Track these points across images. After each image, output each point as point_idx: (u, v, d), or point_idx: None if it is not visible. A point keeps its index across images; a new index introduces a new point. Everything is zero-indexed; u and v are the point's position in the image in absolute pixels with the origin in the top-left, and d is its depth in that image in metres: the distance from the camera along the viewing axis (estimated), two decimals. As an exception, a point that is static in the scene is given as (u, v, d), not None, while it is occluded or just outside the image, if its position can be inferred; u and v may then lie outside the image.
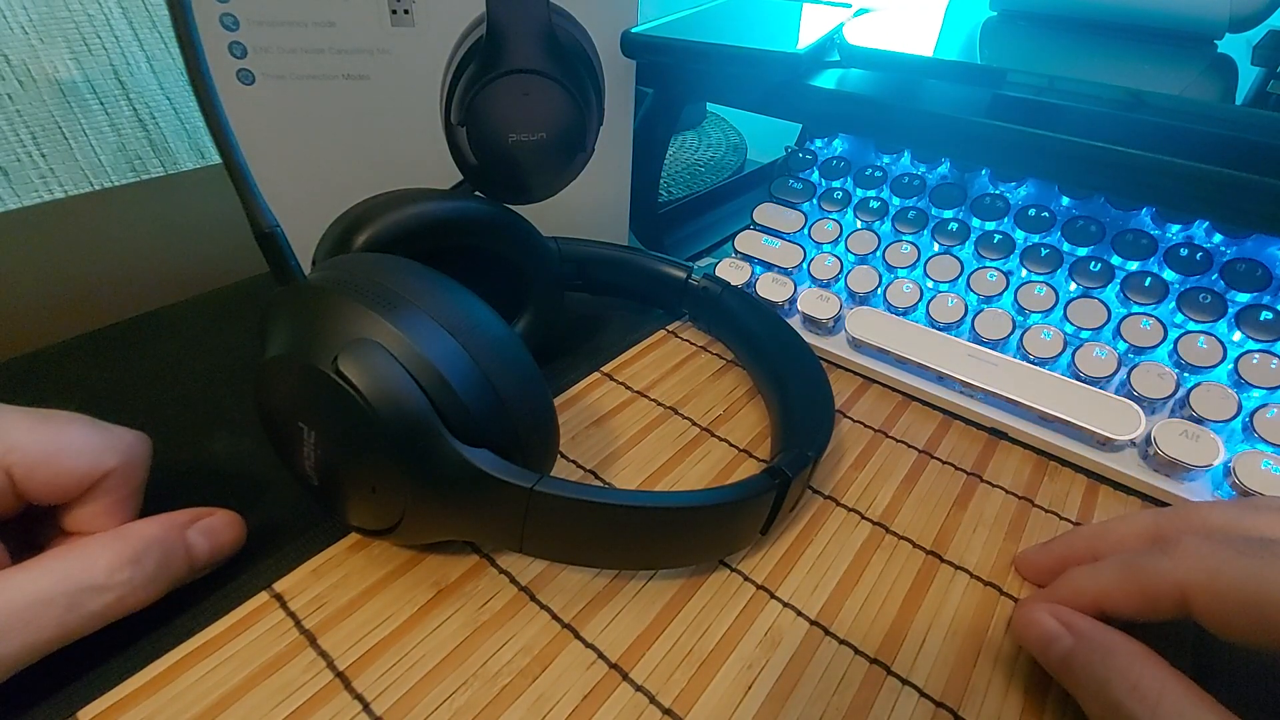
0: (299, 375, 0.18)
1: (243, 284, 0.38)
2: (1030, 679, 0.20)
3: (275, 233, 0.19)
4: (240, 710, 0.18)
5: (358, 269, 0.19)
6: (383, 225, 0.24)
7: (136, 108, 0.65)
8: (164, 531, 0.19)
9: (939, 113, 0.28)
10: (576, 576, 0.22)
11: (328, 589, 0.21)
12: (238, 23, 0.26)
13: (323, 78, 0.28)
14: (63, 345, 0.32)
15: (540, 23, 0.30)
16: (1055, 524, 0.25)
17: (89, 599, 0.17)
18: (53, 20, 0.58)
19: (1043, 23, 0.35)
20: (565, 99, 0.32)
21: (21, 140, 0.59)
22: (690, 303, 0.33)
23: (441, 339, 0.18)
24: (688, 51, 0.31)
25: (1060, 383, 0.27)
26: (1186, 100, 0.24)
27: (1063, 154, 0.26)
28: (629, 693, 0.19)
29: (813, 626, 0.21)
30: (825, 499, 0.25)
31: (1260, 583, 0.15)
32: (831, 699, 0.19)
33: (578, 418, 0.29)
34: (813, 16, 0.36)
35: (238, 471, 0.25)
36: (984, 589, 0.22)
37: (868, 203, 0.35)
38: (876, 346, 0.30)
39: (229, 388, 0.30)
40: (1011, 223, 0.32)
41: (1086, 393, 0.27)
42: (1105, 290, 0.29)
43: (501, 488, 0.18)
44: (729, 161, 0.53)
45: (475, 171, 0.33)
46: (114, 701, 0.18)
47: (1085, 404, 0.26)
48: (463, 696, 0.19)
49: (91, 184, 0.64)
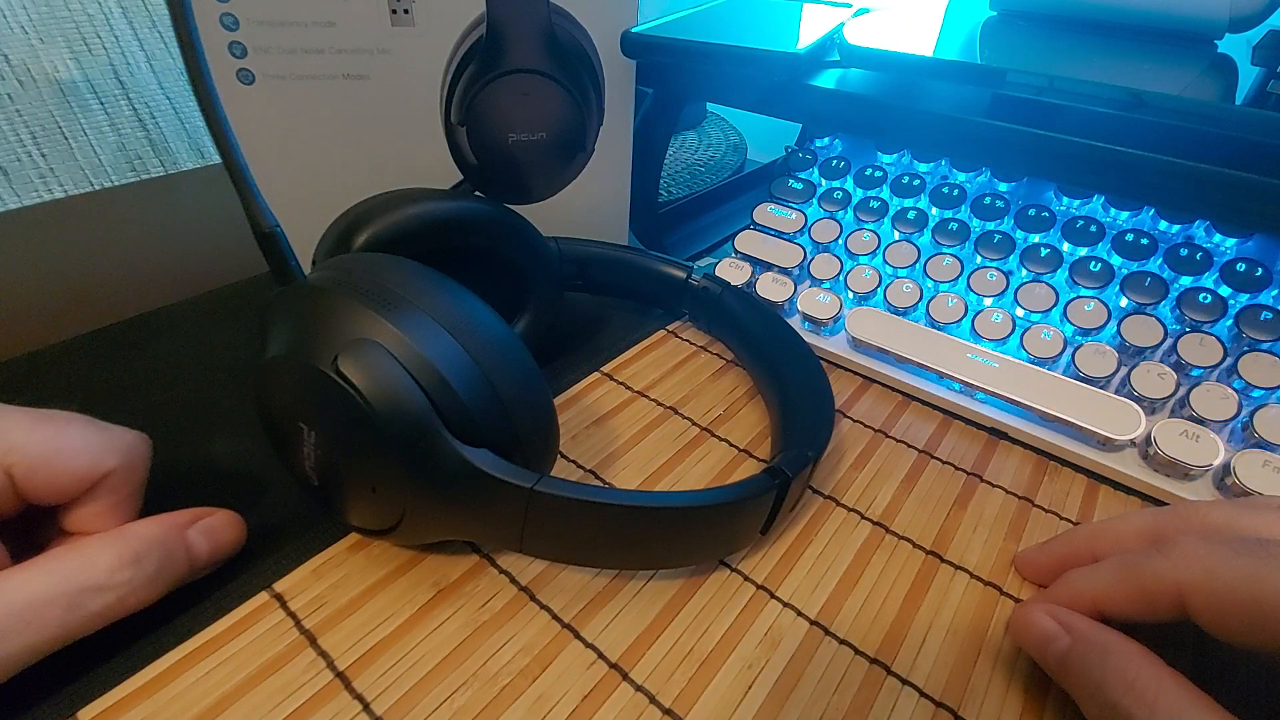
0: (299, 375, 0.18)
1: (243, 284, 0.38)
2: (1030, 679, 0.20)
3: (275, 233, 0.19)
4: (240, 710, 0.18)
5: (358, 269, 0.19)
6: (383, 225, 0.24)
7: (136, 108, 0.64)
8: (164, 531, 0.19)
9: (939, 113, 0.28)
10: (576, 576, 0.22)
11: (328, 589, 0.21)
12: (238, 23, 0.26)
13: (323, 78, 0.28)
14: (63, 345, 0.32)
15: (540, 23, 0.30)
16: (1055, 524, 0.25)
17: (89, 599, 0.17)
18: (53, 20, 0.58)
19: (1043, 23, 0.35)
20: (565, 99, 0.32)
21: (21, 140, 0.59)
22: (690, 303, 0.33)
23: (441, 339, 0.18)
24: (688, 51, 0.31)
25: (1060, 383, 0.27)
26: (1186, 100, 0.24)
27: (1063, 154, 0.26)
28: (629, 693, 0.19)
29: (813, 626, 0.21)
30: (825, 499, 0.25)
31: (1256, 583, 0.15)
32: (831, 699, 0.19)
33: (578, 418, 0.29)
34: (813, 16, 0.36)
35: (238, 471, 0.25)
36: (984, 589, 0.22)
37: (868, 203, 0.35)
38: (876, 346, 0.30)
39: (229, 388, 0.30)
40: (1011, 223, 0.32)
41: (1086, 393, 0.27)
42: (1105, 290, 0.29)
43: (501, 488, 0.18)
44: (729, 161, 0.53)
45: (475, 171, 0.33)
46: (114, 701, 0.18)
47: (1085, 404, 0.26)
48: (463, 696, 0.19)
49: (91, 184, 0.64)
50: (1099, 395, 0.27)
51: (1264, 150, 0.23)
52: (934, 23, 0.35)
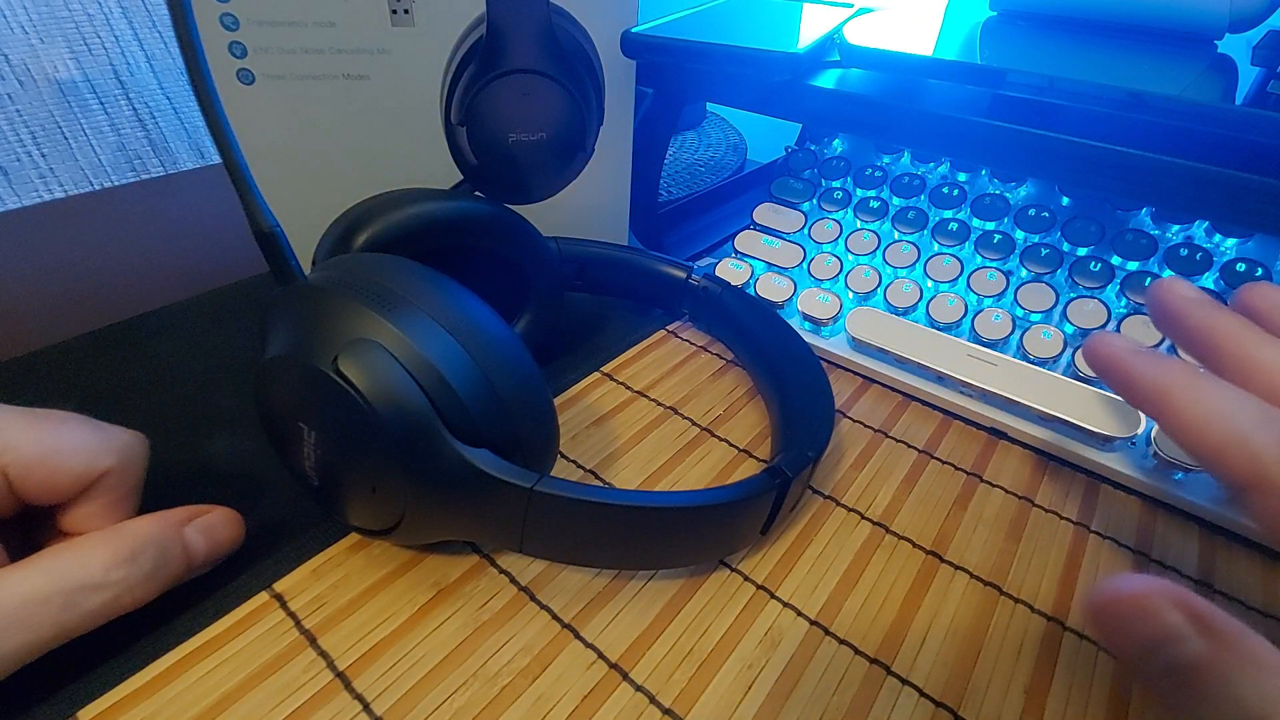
0: (299, 375, 0.18)
1: (243, 284, 0.38)
2: (1031, 679, 0.20)
3: (275, 233, 0.19)
4: (240, 710, 0.18)
5: (358, 269, 0.19)
6: (383, 225, 0.24)
7: (136, 108, 0.65)
8: (161, 529, 0.19)
9: (939, 113, 0.28)
10: (576, 576, 0.22)
11: (328, 589, 0.21)
12: (238, 23, 0.26)
13: (323, 78, 0.28)
14: (62, 345, 0.32)
15: (540, 23, 0.30)
16: (1055, 524, 0.25)
17: (86, 597, 0.17)
18: (53, 20, 0.58)
19: (1043, 23, 0.35)
20: (565, 99, 0.32)
21: (21, 140, 0.59)
22: (690, 303, 0.33)
23: (441, 339, 0.18)
24: (688, 51, 0.31)
25: (1060, 383, 0.27)
26: (1186, 100, 0.24)
27: (1063, 154, 0.26)
28: (629, 693, 0.19)
29: (813, 626, 0.21)
30: (825, 499, 0.25)
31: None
32: (831, 699, 0.19)
33: (578, 418, 0.29)
34: (813, 16, 0.36)
35: (237, 471, 0.25)
36: (984, 589, 0.22)
37: (868, 203, 0.35)
38: (876, 346, 0.30)
39: (229, 388, 0.30)
40: (1011, 223, 0.32)
41: (1086, 393, 0.27)
42: (1105, 290, 0.29)
43: (501, 487, 0.18)
44: (729, 161, 0.53)
45: (475, 171, 0.33)
46: (114, 701, 0.18)
47: (1085, 404, 0.26)
48: (463, 696, 0.19)
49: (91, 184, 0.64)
50: (1099, 395, 0.27)
51: (1264, 150, 0.23)
52: (934, 23, 0.35)
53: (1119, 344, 0.19)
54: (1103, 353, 0.19)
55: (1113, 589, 0.15)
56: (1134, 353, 0.18)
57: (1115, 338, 0.19)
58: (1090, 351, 0.19)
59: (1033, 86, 0.26)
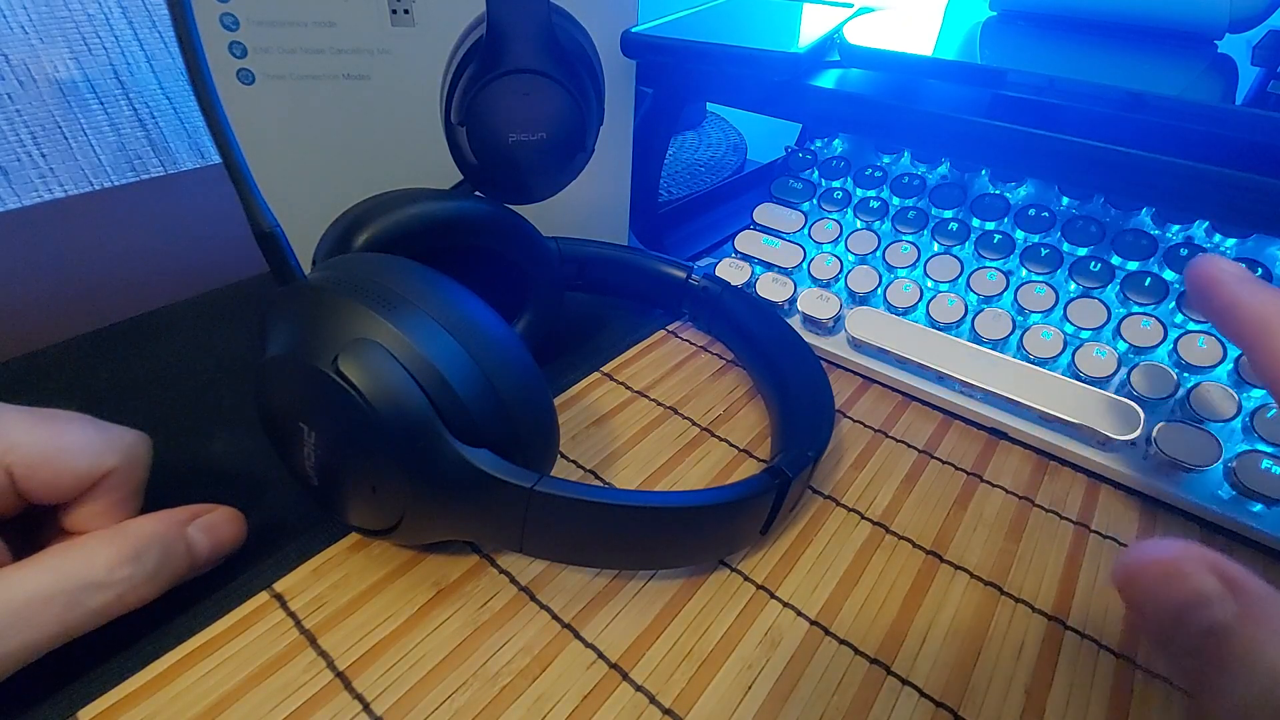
0: (299, 375, 0.18)
1: (243, 284, 0.38)
2: (1031, 679, 0.20)
3: (275, 233, 0.19)
4: (240, 710, 0.18)
5: (358, 269, 0.19)
6: (383, 225, 0.24)
7: (136, 108, 0.65)
8: (164, 528, 0.19)
9: (939, 113, 0.28)
10: (576, 576, 0.22)
11: (328, 589, 0.21)
12: (238, 23, 0.26)
13: (323, 78, 0.28)
14: (63, 345, 0.32)
15: (540, 23, 0.30)
16: (1055, 524, 0.25)
17: (89, 596, 0.17)
18: (53, 20, 0.58)
19: (1043, 23, 0.35)
20: (565, 99, 0.32)
21: (21, 140, 0.59)
22: (690, 303, 0.33)
23: (441, 339, 0.18)
24: (688, 51, 0.31)
25: (1060, 383, 0.27)
26: (1186, 100, 0.24)
27: (1063, 154, 0.26)
28: (629, 693, 0.19)
29: (813, 626, 0.21)
30: (825, 499, 0.25)
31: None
32: (831, 699, 0.19)
33: (578, 418, 0.29)
34: (813, 16, 0.36)
35: (238, 471, 0.25)
36: (984, 589, 0.22)
37: (868, 203, 0.35)
38: (876, 346, 0.30)
39: (229, 388, 0.30)
40: (1011, 223, 0.32)
41: (1086, 393, 0.27)
42: (1105, 290, 0.29)
43: (501, 488, 0.18)
44: (729, 161, 0.53)
45: (475, 171, 0.33)
46: (114, 701, 0.18)
47: (1085, 404, 0.26)
48: (463, 696, 0.19)
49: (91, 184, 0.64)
50: (1099, 395, 0.27)
51: (1264, 150, 0.23)
52: (934, 23, 0.35)
53: (1227, 267, 0.17)
54: (1206, 273, 0.17)
55: (1145, 553, 0.14)
56: (1242, 278, 0.17)
57: (1223, 260, 0.18)
58: (1194, 271, 0.18)
59: (1033, 86, 0.26)
